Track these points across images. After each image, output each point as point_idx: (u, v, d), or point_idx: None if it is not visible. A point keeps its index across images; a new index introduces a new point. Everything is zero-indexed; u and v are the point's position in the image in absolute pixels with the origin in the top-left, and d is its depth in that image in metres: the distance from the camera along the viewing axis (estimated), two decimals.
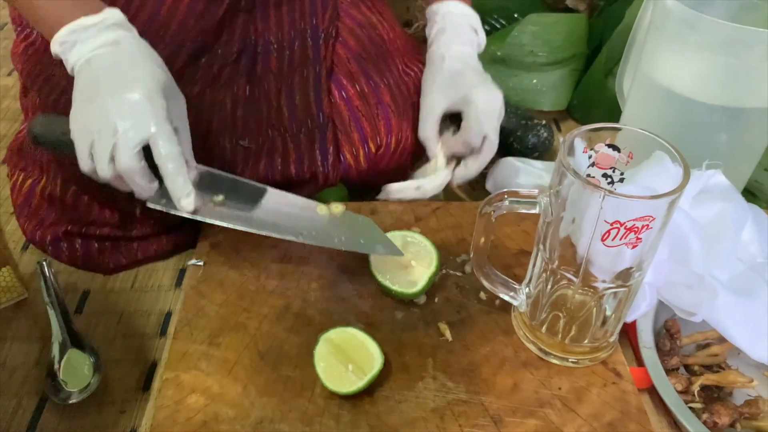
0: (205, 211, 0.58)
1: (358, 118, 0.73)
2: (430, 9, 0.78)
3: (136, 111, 0.54)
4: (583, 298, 0.53)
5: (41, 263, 0.64)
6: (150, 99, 0.55)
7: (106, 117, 0.54)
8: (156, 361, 0.63)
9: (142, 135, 0.54)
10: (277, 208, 0.61)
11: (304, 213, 0.61)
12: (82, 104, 0.55)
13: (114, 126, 0.53)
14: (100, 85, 0.55)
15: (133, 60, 0.57)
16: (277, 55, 0.71)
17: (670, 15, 0.67)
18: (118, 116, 0.54)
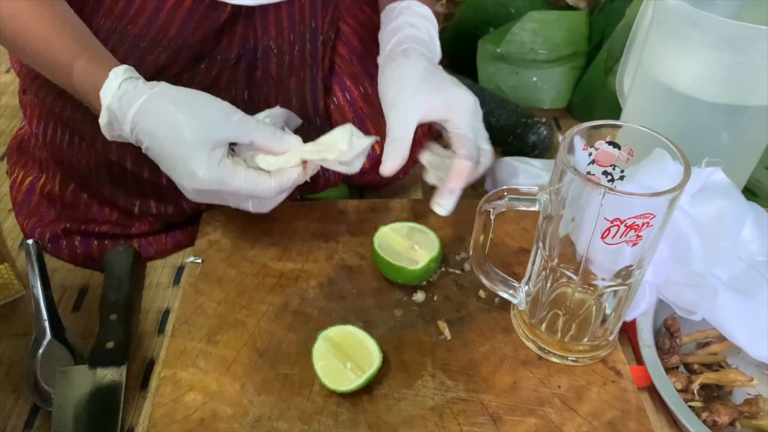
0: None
1: (362, 119, 0.73)
2: (385, 9, 0.70)
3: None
4: (583, 296, 0.53)
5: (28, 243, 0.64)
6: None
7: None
8: (154, 359, 0.62)
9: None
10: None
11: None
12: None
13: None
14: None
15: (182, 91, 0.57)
16: (276, 59, 0.70)
17: (671, 12, 0.67)
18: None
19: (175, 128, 0.54)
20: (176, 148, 0.54)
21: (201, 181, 0.54)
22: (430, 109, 0.61)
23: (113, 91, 0.55)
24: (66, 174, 0.72)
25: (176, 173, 0.55)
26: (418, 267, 0.61)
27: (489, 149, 0.62)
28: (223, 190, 0.55)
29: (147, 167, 0.66)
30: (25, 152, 0.78)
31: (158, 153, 0.55)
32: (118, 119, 0.55)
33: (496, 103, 0.91)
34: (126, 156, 0.66)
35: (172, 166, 0.55)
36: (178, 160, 0.54)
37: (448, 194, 0.59)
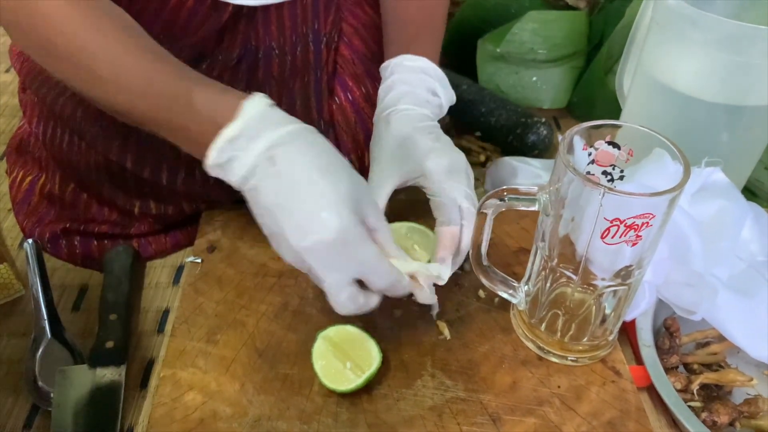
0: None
1: (364, 120, 0.73)
2: (382, 67, 0.67)
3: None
4: (583, 296, 0.53)
5: (28, 242, 0.64)
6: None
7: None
8: (153, 359, 0.62)
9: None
10: None
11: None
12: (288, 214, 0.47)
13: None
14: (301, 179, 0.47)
15: (324, 148, 0.51)
16: (278, 60, 0.70)
17: (671, 12, 0.67)
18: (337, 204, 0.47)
19: (327, 170, 0.48)
20: (313, 190, 0.47)
21: (334, 231, 0.46)
22: (404, 175, 0.60)
23: (252, 113, 0.48)
24: (66, 174, 0.72)
25: (292, 221, 0.47)
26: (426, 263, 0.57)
27: (469, 208, 0.57)
28: (355, 251, 0.47)
29: (148, 168, 0.66)
30: (25, 151, 0.78)
31: (281, 192, 0.47)
32: (242, 146, 0.48)
33: (496, 103, 0.90)
34: (126, 155, 0.66)
35: (292, 211, 0.47)
36: (308, 205, 0.46)
37: (440, 263, 0.56)
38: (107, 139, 0.66)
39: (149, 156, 0.66)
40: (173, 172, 0.67)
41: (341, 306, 0.50)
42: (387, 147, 0.61)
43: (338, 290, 0.49)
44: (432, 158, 0.59)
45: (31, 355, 0.59)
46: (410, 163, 0.60)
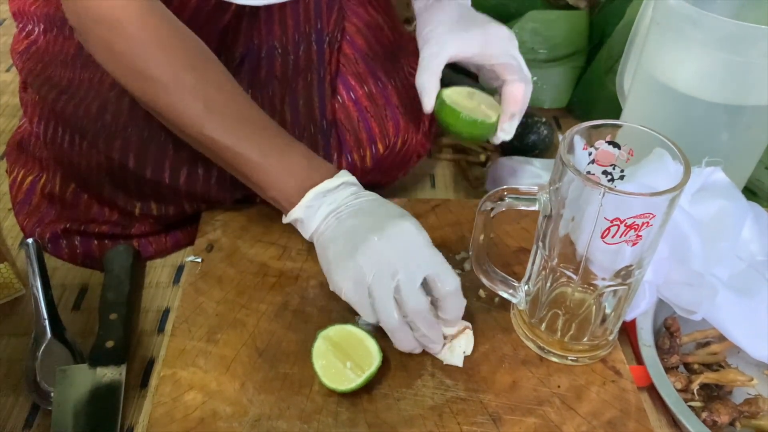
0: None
1: (366, 119, 0.73)
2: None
3: (412, 243, 0.53)
4: (583, 295, 0.53)
5: (28, 242, 0.64)
6: (419, 228, 0.55)
7: (378, 259, 0.52)
8: (154, 358, 0.62)
9: (426, 270, 0.53)
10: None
11: None
12: (343, 262, 0.54)
13: (392, 266, 0.52)
14: (358, 233, 0.54)
15: (379, 203, 0.58)
16: (281, 59, 0.70)
17: (672, 12, 0.67)
18: (394, 254, 0.52)
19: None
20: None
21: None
22: (465, 41, 0.65)
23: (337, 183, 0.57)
24: (66, 174, 0.72)
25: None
26: (494, 120, 0.64)
27: (528, 71, 0.67)
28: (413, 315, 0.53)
29: (150, 166, 0.66)
30: (25, 151, 0.78)
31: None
32: (318, 204, 0.56)
33: None
34: (129, 154, 0.66)
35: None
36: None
37: (509, 119, 0.66)
38: (109, 137, 0.66)
39: (151, 154, 0.66)
40: (175, 170, 0.67)
41: (398, 342, 0.55)
42: (447, 21, 0.67)
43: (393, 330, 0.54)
44: (494, 26, 0.67)
45: (32, 355, 0.59)
46: (473, 31, 0.66)
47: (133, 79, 0.56)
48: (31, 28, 0.75)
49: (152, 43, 0.55)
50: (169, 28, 0.57)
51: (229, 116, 0.57)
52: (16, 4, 0.76)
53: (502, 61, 0.65)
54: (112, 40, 0.54)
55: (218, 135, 0.57)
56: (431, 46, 0.66)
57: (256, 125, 0.59)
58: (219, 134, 0.57)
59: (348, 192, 0.58)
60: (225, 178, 0.69)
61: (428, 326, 0.54)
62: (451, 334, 0.56)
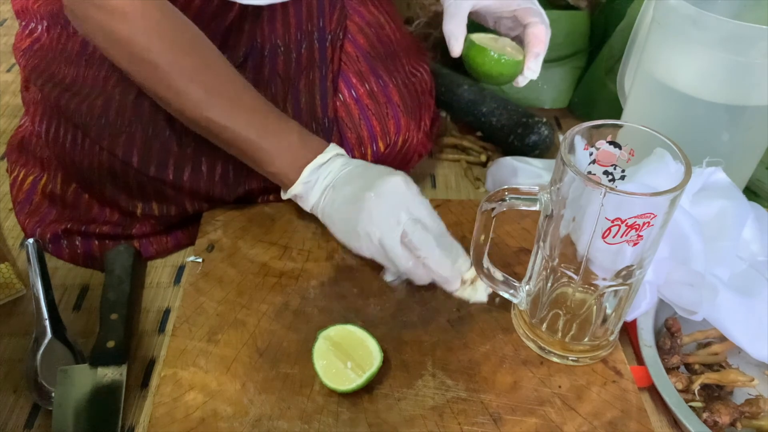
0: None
1: (368, 117, 0.73)
2: None
3: (404, 194, 0.59)
4: (584, 296, 0.53)
5: (28, 242, 0.64)
6: (407, 180, 0.60)
7: (379, 214, 0.58)
8: (154, 358, 0.62)
9: (420, 213, 0.59)
10: None
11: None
12: (351, 228, 0.59)
13: (393, 216, 0.57)
14: (356, 197, 0.59)
15: (367, 166, 0.62)
16: (284, 57, 0.71)
17: (673, 12, 0.67)
18: (390, 205, 0.58)
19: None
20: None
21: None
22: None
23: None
24: (68, 173, 0.72)
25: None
26: (521, 59, 0.68)
27: (548, 20, 0.70)
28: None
29: (154, 164, 0.66)
30: (26, 150, 0.78)
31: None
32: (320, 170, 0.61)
33: (497, 103, 0.90)
34: (132, 151, 0.66)
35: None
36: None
37: (534, 58, 0.69)
38: (113, 134, 0.66)
39: (155, 152, 0.66)
40: (179, 168, 0.67)
41: (418, 280, 0.60)
42: None
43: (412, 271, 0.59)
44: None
45: (33, 355, 0.59)
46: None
47: (135, 64, 0.58)
48: (34, 25, 0.75)
49: (152, 29, 0.57)
50: (167, 15, 0.58)
51: (228, 99, 0.60)
52: (19, 2, 0.77)
53: (523, 5, 0.69)
54: (113, 26, 0.56)
55: (218, 117, 0.60)
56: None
57: (253, 106, 0.62)
58: (219, 116, 0.60)
59: (339, 163, 0.62)
60: (228, 176, 0.69)
61: (437, 262, 0.58)
62: (471, 277, 0.60)
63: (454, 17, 0.69)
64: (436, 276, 0.58)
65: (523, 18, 0.70)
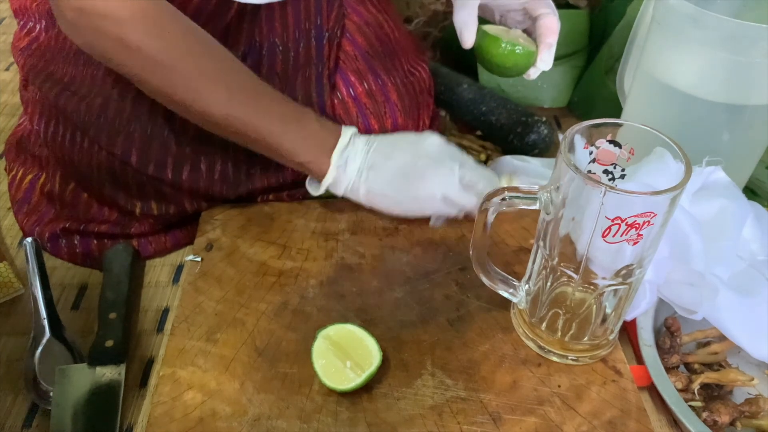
0: None
1: (365, 115, 0.73)
2: None
3: (446, 148, 0.65)
4: (583, 295, 0.53)
5: (27, 241, 0.64)
6: (441, 137, 0.66)
7: (433, 176, 0.63)
8: (153, 358, 0.62)
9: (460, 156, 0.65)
10: None
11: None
12: (412, 198, 0.64)
13: (446, 169, 0.64)
14: (403, 169, 0.64)
15: (395, 137, 0.67)
16: (281, 56, 0.70)
17: (673, 11, 0.67)
18: (439, 162, 0.64)
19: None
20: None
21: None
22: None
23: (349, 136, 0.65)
24: (66, 172, 0.72)
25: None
26: (533, 50, 0.68)
27: (557, 12, 0.71)
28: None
29: (152, 162, 0.66)
30: (25, 149, 0.78)
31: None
32: (350, 155, 0.64)
33: (497, 102, 0.90)
34: (131, 149, 0.66)
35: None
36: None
37: (547, 49, 0.69)
38: (111, 134, 0.66)
39: (154, 151, 0.66)
40: (178, 167, 0.67)
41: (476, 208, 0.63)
42: None
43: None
44: None
45: (31, 354, 0.59)
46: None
47: (149, 71, 0.58)
48: (32, 24, 0.75)
49: (161, 31, 0.57)
50: (174, 17, 0.58)
51: (247, 94, 0.61)
52: (17, 0, 0.76)
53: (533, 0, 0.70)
54: (123, 35, 0.55)
55: (241, 113, 0.60)
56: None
57: (270, 98, 0.63)
58: (242, 112, 0.61)
59: (362, 142, 0.65)
60: (228, 174, 0.69)
61: (493, 185, 0.64)
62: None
63: (465, 7, 0.69)
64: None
65: (533, 10, 0.70)
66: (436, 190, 0.63)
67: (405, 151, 0.64)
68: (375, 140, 0.65)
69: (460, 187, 0.63)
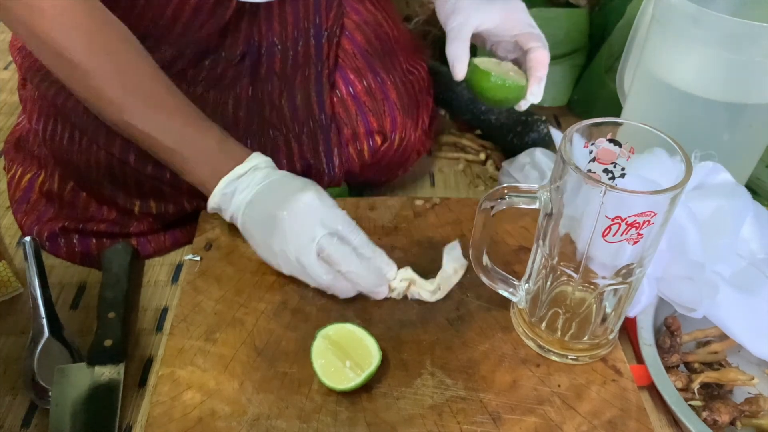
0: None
1: (365, 113, 0.73)
2: None
3: (318, 208, 0.58)
4: (583, 294, 0.53)
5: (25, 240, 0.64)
6: (321, 194, 0.59)
7: (292, 234, 0.57)
8: (152, 357, 0.62)
9: (336, 224, 0.58)
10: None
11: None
12: (268, 249, 0.59)
13: (307, 234, 0.57)
14: (270, 217, 0.58)
15: (286, 180, 0.61)
16: (281, 55, 0.70)
17: (673, 10, 0.67)
18: (304, 224, 0.57)
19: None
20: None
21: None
22: (489, 12, 0.70)
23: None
24: (65, 172, 0.72)
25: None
26: (524, 83, 0.68)
27: (547, 43, 0.70)
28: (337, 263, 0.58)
29: (151, 163, 0.66)
30: (24, 148, 0.78)
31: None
32: (231, 194, 0.60)
33: None
34: (129, 150, 0.66)
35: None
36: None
37: (537, 83, 0.69)
38: (110, 133, 0.66)
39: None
40: None
41: (341, 294, 0.59)
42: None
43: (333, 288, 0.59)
44: (514, 1, 0.71)
45: (30, 354, 0.59)
46: (494, 2, 0.70)
47: (54, 62, 0.57)
48: None
49: (71, 26, 0.56)
50: (90, 13, 0.57)
51: (147, 101, 0.59)
52: None
53: (524, 30, 0.70)
54: (33, 21, 0.55)
55: (136, 120, 0.58)
56: (457, 17, 0.69)
57: (172, 110, 0.60)
58: (136, 120, 0.58)
59: (259, 175, 0.60)
60: None
61: (357, 274, 0.57)
62: (400, 282, 0.60)
63: (456, 40, 0.69)
64: (360, 287, 0.59)
65: (524, 43, 0.70)
66: (290, 250, 0.57)
67: (278, 199, 0.59)
68: (272, 176, 0.61)
69: (316, 259, 0.57)
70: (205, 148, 0.60)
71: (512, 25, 0.70)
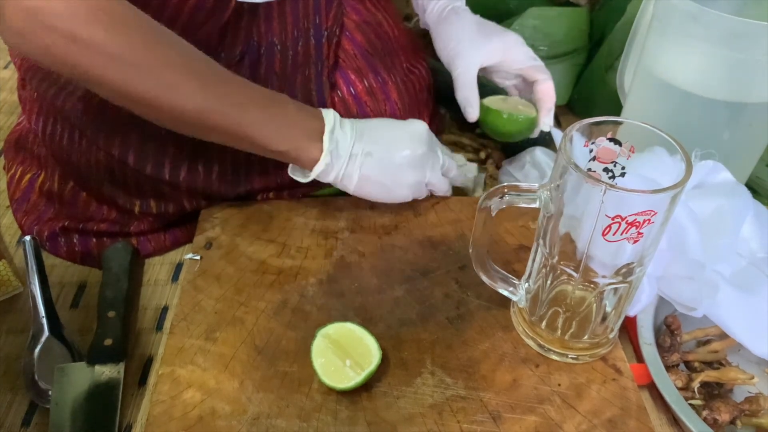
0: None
1: (366, 113, 0.73)
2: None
3: (431, 138, 0.68)
4: (583, 293, 0.53)
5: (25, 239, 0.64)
6: (427, 129, 0.68)
7: (422, 161, 0.66)
8: (152, 356, 0.62)
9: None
10: None
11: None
12: (396, 176, 0.66)
13: (434, 155, 0.68)
14: (392, 159, 0.65)
15: (382, 123, 0.68)
16: (280, 56, 0.70)
17: (672, 8, 0.67)
18: (435, 143, 0.68)
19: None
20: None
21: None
22: (490, 51, 0.74)
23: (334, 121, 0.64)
24: (65, 171, 0.72)
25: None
26: (534, 115, 0.72)
27: (543, 65, 0.75)
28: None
29: (150, 163, 0.66)
30: (24, 148, 0.78)
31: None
32: (339, 141, 0.63)
33: None
34: (129, 150, 0.66)
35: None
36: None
37: (547, 114, 0.74)
38: (109, 134, 0.66)
39: (152, 151, 0.66)
40: (176, 166, 0.67)
41: (446, 192, 0.72)
42: (467, 32, 0.75)
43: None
44: (508, 34, 0.75)
45: (30, 353, 0.59)
46: (493, 42, 0.74)
47: (113, 69, 0.54)
48: None
49: (125, 28, 0.53)
50: (132, 12, 0.55)
51: (221, 84, 0.59)
52: None
53: (527, 64, 0.74)
54: (78, 33, 0.51)
55: (218, 104, 0.58)
56: (461, 61, 0.74)
57: (244, 86, 0.61)
58: (218, 104, 0.58)
59: (348, 125, 0.64)
60: (226, 173, 0.69)
61: (457, 178, 0.73)
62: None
63: (464, 86, 0.73)
64: (456, 183, 0.73)
65: (530, 76, 0.74)
66: (427, 176, 0.67)
67: (402, 139, 0.65)
68: (361, 124, 0.65)
69: (440, 174, 0.68)
70: (288, 113, 0.62)
71: (513, 59, 0.74)
